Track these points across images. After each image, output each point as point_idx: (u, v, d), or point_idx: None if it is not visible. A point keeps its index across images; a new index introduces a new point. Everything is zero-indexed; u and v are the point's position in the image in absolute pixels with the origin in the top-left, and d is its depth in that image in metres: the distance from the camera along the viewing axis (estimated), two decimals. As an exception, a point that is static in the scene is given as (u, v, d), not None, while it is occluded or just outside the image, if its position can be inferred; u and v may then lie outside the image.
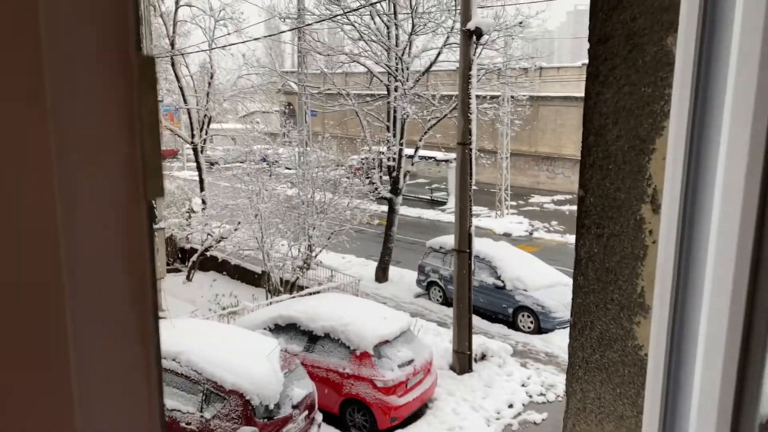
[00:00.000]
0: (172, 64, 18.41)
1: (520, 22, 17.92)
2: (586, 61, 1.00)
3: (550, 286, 13.73)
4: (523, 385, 10.96)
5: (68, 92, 0.21)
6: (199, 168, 19.20)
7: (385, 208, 17.94)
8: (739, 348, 0.70)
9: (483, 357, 11.71)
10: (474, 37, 10.66)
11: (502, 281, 14.05)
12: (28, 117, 0.21)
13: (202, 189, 19.00)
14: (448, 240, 14.45)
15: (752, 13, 0.67)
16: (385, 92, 17.38)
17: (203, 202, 18.46)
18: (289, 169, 18.52)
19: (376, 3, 16.12)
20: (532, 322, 13.65)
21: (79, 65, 0.23)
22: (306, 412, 8.44)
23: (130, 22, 0.23)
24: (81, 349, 0.22)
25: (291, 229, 15.94)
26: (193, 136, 18.96)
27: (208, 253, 17.33)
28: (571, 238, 13.23)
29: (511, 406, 10.31)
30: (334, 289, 14.80)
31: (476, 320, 12.84)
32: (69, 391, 0.23)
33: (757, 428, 0.72)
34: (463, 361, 11.33)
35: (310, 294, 13.48)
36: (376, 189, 17.44)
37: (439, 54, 16.96)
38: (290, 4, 20.17)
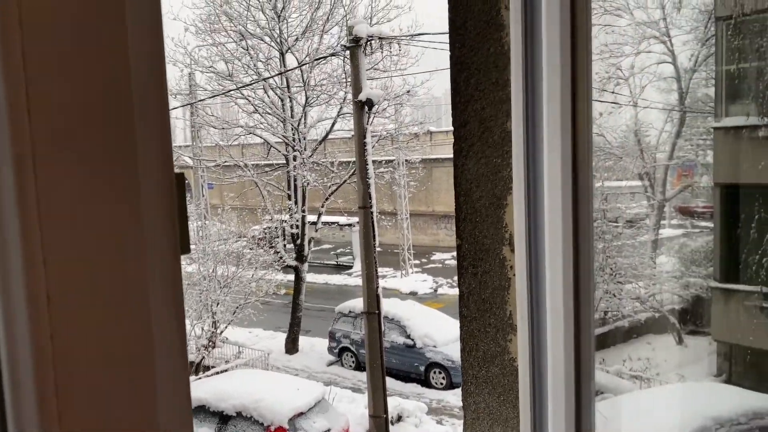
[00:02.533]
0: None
1: (408, 91, 19.05)
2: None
3: (458, 340, 14.10)
4: (441, 442, 11.07)
5: (143, 214, 0.40)
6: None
7: (291, 277, 17.83)
8: (573, 358, 0.95)
9: (399, 419, 11.73)
10: (366, 107, 11.26)
11: (412, 339, 14.28)
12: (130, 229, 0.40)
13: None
14: (357, 303, 14.55)
15: (554, 112, 0.97)
16: (284, 162, 17.63)
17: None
18: (189, 244, 18.01)
19: (268, 78, 16.58)
20: (444, 378, 13.90)
21: (151, 197, 0.42)
22: (222, 498, 8.02)
23: (170, 150, 0.42)
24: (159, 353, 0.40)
25: (193, 308, 15.39)
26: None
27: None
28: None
29: (431, 464, 10.36)
30: (242, 366, 14.33)
31: (390, 382, 12.88)
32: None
33: (593, 403, 0.96)
34: (380, 425, 11.28)
35: (218, 373, 12.99)
36: (281, 258, 17.36)
37: (334, 123, 17.60)
38: (181, 80, 20.23)
